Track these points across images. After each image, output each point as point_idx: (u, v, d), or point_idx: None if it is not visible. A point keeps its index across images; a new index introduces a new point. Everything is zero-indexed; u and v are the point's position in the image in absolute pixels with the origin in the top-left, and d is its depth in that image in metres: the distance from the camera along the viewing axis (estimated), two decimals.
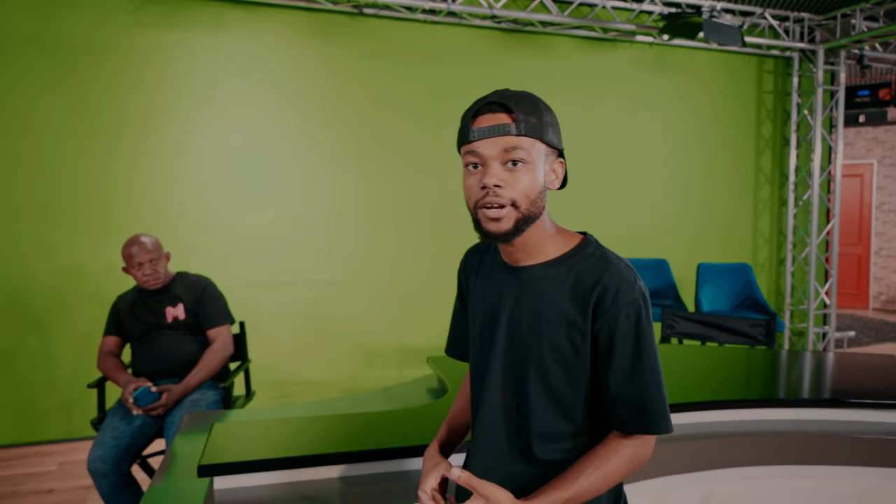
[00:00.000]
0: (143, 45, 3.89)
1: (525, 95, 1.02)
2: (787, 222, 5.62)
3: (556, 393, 1.06)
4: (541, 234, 1.07)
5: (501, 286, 1.12)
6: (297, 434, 1.78)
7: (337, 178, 4.35)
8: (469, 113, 1.03)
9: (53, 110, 3.75)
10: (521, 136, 0.99)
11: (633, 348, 1.01)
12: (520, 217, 1.01)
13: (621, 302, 1.00)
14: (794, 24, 5.37)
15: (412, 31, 4.46)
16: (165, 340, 2.64)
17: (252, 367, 3.29)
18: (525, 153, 0.99)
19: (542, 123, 1.01)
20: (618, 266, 1.03)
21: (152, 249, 2.60)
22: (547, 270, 1.07)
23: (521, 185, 1.00)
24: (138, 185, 3.93)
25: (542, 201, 1.04)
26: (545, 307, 1.05)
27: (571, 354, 1.04)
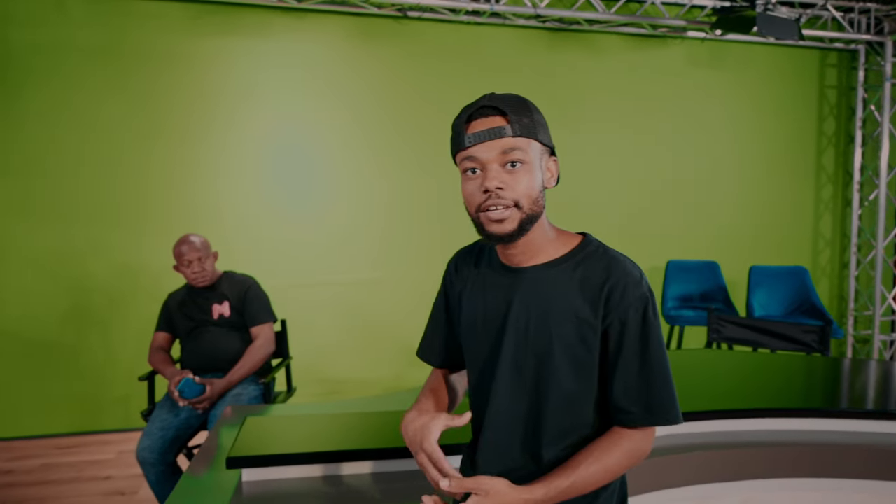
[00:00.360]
0: (199, 53, 4.06)
1: (514, 97, 1.04)
2: (852, 223, 5.34)
3: (569, 392, 1.06)
4: (541, 235, 1.08)
5: (503, 288, 1.12)
6: (326, 430, 1.82)
7: (382, 178, 4.42)
8: (461, 119, 1.05)
9: (116, 116, 3.96)
10: (517, 136, 1.00)
11: (641, 341, 1.03)
12: (523, 217, 1.02)
13: (630, 296, 1.02)
14: (859, 14, 5.10)
15: (456, 32, 4.48)
16: (211, 337, 2.74)
17: (297, 364, 3.40)
18: (523, 153, 1.01)
19: (534, 123, 1.02)
20: (623, 263, 1.05)
21: (201, 248, 2.72)
22: (551, 270, 1.08)
23: (522, 185, 1.01)
24: (196, 186, 4.11)
25: (543, 200, 1.05)
26: (554, 306, 1.05)
27: (583, 352, 1.05)
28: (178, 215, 4.06)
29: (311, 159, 4.31)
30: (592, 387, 1.07)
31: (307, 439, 1.73)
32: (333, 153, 4.35)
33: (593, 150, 4.77)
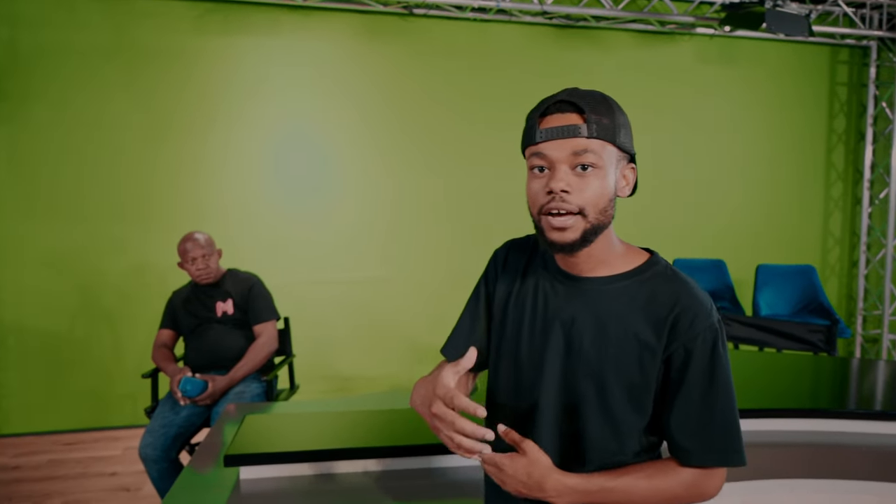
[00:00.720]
0: (205, 51, 4.08)
1: (597, 95, 0.96)
2: (862, 222, 5.28)
3: (616, 416, 0.99)
4: (607, 246, 1.00)
5: (559, 295, 1.03)
6: (325, 428, 1.82)
7: (389, 176, 4.42)
8: (536, 112, 0.97)
9: (125, 114, 3.98)
10: (592, 138, 0.92)
11: (706, 375, 0.95)
12: (588, 227, 0.94)
13: (699, 326, 0.94)
14: (871, 10, 5.03)
15: (462, 30, 4.47)
16: (215, 334, 2.76)
17: (302, 362, 3.40)
18: (596, 157, 0.93)
19: (614, 125, 0.94)
20: (694, 288, 0.98)
21: (205, 245, 2.73)
22: (615, 284, 1.00)
23: (590, 191, 0.93)
24: (202, 184, 4.13)
25: (612, 210, 0.97)
26: (613, 323, 0.97)
27: (638, 376, 0.97)
28: (183, 213, 4.08)
29: (318, 157, 4.32)
30: (644, 415, 0.99)
31: (305, 437, 1.74)
32: (340, 151, 4.35)
33: None
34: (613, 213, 0.98)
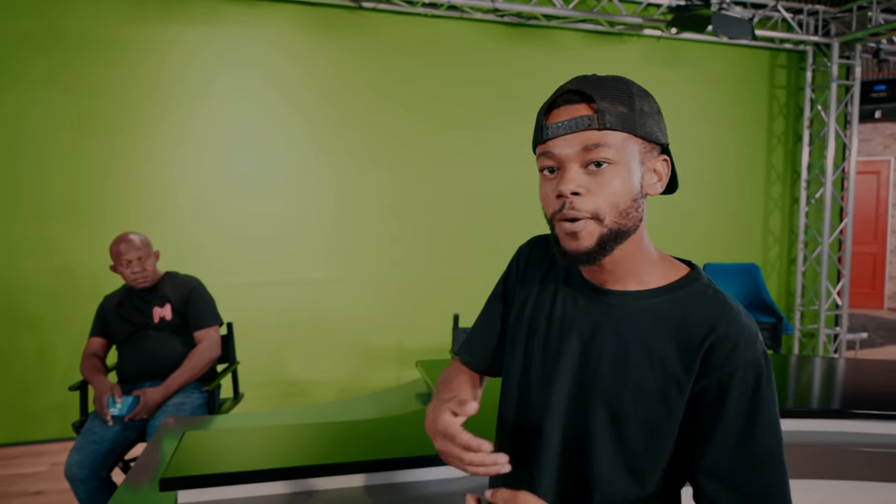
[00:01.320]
0: (140, 40, 3.83)
1: (612, 80, 0.84)
2: (799, 221, 5.47)
3: (630, 451, 0.85)
4: (636, 255, 0.87)
5: (580, 307, 0.91)
6: (273, 444, 1.70)
7: (334, 175, 4.27)
8: (544, 107, 0.87)
9: (50, 106, 3.70)
10: (605, 129, 0.80)
11: (745, 418, 0.79)
12: (605, 233, 0.81)
13: (739, 358, 0.78)
14: (808, 16, 5.21)
15: (413, 25, 4.37)
16: (151, 342, 2.58)
17: (246, 367, 3.24)
18: (611, 151, 0.80)
19: (634, 114, 0.82)
20: (737, 312, 0.82)
21: (141, 247, 2.55)
22: (645, 301, 0.86)
23: (607, 191, 0.80)
24: (135, 181, 3.88)
25: (638, 212, 0.84)
26: (637, 346, 0.84)
27: (660, 409, 0.82)
28: (115, 211, 3.83)
29: (260, 154, 4.13)
30: (663, 453, 0.84)
31: (251, 455, 1.61)
32: (284, 148, 4.18)
33: None
34: (641, 216, 0.85)
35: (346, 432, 1.79)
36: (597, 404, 0.86)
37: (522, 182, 4.68)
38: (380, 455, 1.59)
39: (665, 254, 0.93)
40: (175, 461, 1.53)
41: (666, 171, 0.88)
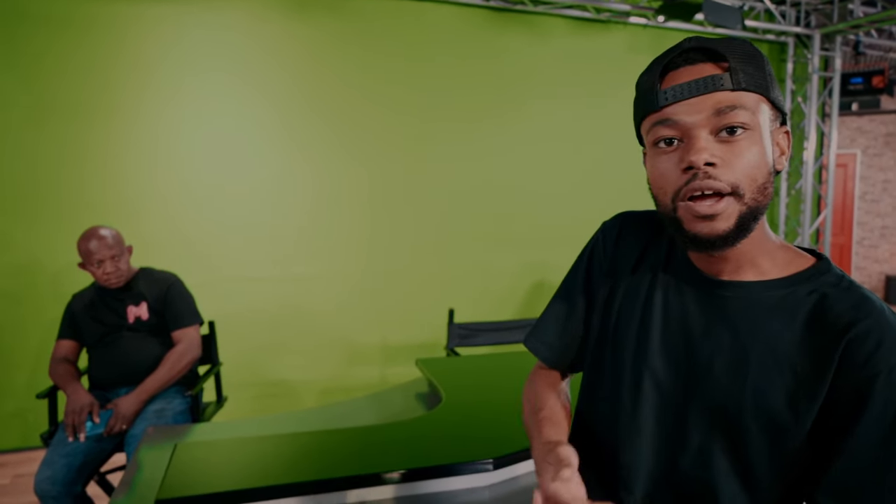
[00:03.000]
0: (102, 20, 3.57)
1: (734, 39, 0.72)
2: (780, 212, 5.49)
3: (752, 469, 0.72)
4: (758, 240, 0.74)
5: (686, 300, 0.79)
6: (273, 456, 1.54)
7: (316, 168, 4.08)
8: (654, 70, 0.74)
9: (4, 90, 3.42)
10: (739, 90, 0.68)
11: (889, 430, 0.65)
12: (744, 211, 0.69)
13: (883, 360, 0.66)
14: (790, 7, 5.21)
15: (395, 9, 4.19)
16: (126, 343, 2.38)
17: (225, 369, 3.05)
18: (748, 115, 0.68)
19: (765, 74, 0.70)
20: (881, 307, 0.69)
21: (113, 245, 2.33)
22: (768, 294, 0.74)
23: (744, 161, 0.68)
24: (99, 173, 3.62)
25: (772, 188, 0.72)
26: (759, 345, 0.72)
27: (787, 417, 0.70)
28: (78, 204, 3.56)
29: (239, 145, 3.89)
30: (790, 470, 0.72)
31: (253, 470, 1.45)
32: (262, 141, 3.95)
33: (536, 133, 4.62)
34: (772, 193, 0.72)
35: (351, 440, 1.64)
36: (708, 412, 0.74)
37: (510, 172, 4.57)
38: (393, 466, 1.45)
39: (785, 241, 0.80)
40: (170, 479, 1.36)
41: (788, 143, 0.76)
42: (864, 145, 8.56)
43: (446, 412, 1.87)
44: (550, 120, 4.64)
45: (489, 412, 1.89)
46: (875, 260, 8.69)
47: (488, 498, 1.45)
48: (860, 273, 8.74)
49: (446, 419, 1.82)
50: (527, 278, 4.49)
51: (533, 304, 4.48)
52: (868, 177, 8.63)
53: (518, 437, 1.62)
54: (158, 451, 1.70)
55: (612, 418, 0.83)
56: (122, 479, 1.55)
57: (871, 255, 8.71)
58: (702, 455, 0.75)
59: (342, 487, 1.40)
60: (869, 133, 8.52)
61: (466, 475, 1.48)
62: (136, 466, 1.62)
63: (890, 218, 8.59)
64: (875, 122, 8.46)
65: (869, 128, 8.51)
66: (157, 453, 1.68)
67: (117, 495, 1.46)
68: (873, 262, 8.70)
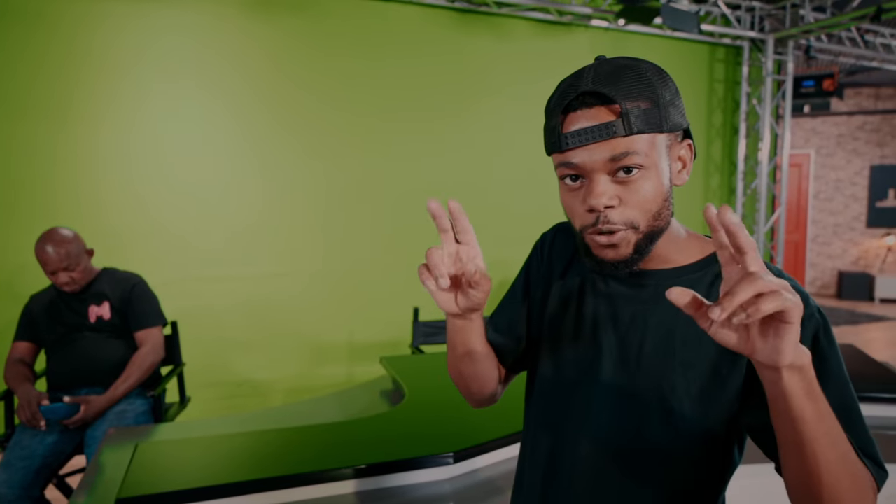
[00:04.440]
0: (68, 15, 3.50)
1: (628, 70, 0.75)
2: (737, 211, 5.66)
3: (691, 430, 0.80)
4: (667, 240, 0.82)
5: (612, 292, 0.86)
6: (236, 453, 1.56)
7: (278, 167, 4.06)
8: (556, 107, 0.77)
9: None
10: (633, 134, 0.73)
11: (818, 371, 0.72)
12: (640, 238, 0.77)
13: None
14: (745, 12, 5.38)
15: (359, 8, 4.20)
16: (88, 344, 2.35)
17: (189, 369, 3.03)
18: (642, 157, 0.73)
19: (658, 106, 0.74)
20: (779, 273, 0.74)
21: (66, 257, 2.24)
22: (683, 278, 0.81)
23: (640, 197, 0.75)
24: (58, 171, 3.55)
25: (669, 208, 0.78)
26: (681, 323, 0.80)
27: (712, 383, 0.78)
28: (37, 203, 3.50)
29: (197, 145, 3.85)
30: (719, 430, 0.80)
31: (216, 468, 1.47)
32: (224, 139, 3.91)
33: (497, 133, 4.68)
34: (672, 210, 0.80)
35: (315, 437, 1.67)
36: (645, 392, 0.82)
37: (472, 171, 4.62)
38: (358, 461, 1.48)
39: (692, 231, 0.89)
40: (131, 478, 1.37)
41: (690, 156, 0.82)
42: (818, 146, 8.88)
43: (409, 408, 1.91)
44: (511, 120, 4.71)
45: (450, 408, 1.93)
46: (828, 256, 9.02)
47: (449, 490, 1.49)
48: (814, 269, 9.06)
49: (408, 415, 1.86)
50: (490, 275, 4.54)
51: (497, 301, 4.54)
52: (821, 176, 8.95)
53: (478, 431, 1.67)
54: (119, 451, 1.70)
55: (562, 421, 0.89)
56: (82, 480, 1.55)
57: (824, 252, 9.03)
58: (644, 429, 0.82)
59: (304, 483, 1.42)
60: (822, 134, 8.84)
61: (427, 468, 1.52)
62: (96, 467, 1.62)
63: (842, 216, 8.92)
64: (828, 124, 8.78)
65: (822, 129, 8.83)
66: (118, 454, 1.68)
67: (77, 497, 1.46)
68: (826, 259, 9.03)
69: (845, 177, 8.86)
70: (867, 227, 8.80)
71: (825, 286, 9.03)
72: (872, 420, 2.00)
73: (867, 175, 8.75)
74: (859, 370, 2.28)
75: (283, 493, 1.40)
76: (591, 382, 0.86)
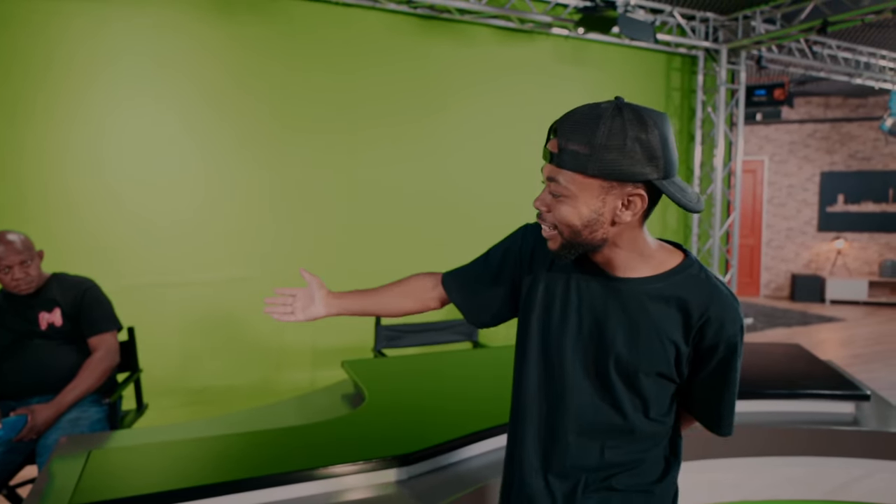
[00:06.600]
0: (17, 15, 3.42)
1: (587, 116, 0.92)
2: (693, 216, 5.82)
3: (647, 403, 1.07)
4: (630, 255, 1.02)
5: (593, 291, 1.06)
6: (193, 458, 1.55)
7: (238, 169, 4.03)
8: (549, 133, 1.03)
9: None
10: (560, 168, 0.94)
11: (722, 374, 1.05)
12: (564, 242, 1.00)
13: (724, 335, 1.01)
14: (700, 23, 5.55)
15: (322, 12, 4.20)
16: (38, 351, 2.30)
17: (147, 376, 2.98)
18: (562, 187, 0.95)
19: (591, 154, 0.90)
20: (724, 295, 1.02)
21: (22, 250, 2.24)
22: (649, 286, 1.03)
23: (559, 215, 0.97)
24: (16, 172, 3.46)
25: (597, 234, 0.97)
26: (645, 323, 1.02)
27: (668, 370, 1.05)
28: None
29: (157, 146, 3.80)
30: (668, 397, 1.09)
31: (170, 473, 1.46)
32: (183, 140, 3.87)
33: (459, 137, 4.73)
34: (607, 236, 0.98)
35: (273, 441, 1.67)
36: (615, 369, 1.04)
37: (433, 175, 4.66)
38: (315, 463, 1.49)
39: (661, 243, 1.07)
40: (83, 485, 1.35)
41: (640, 203, 0.95)
42: (771, 153, 9.18)
43: (368, 412, 1.92)
44: (474, 124, 4.77)
45: (410, 409, 1.95)
46: (782, 259, 9.31)
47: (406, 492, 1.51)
48: (768, 272, 9.35)
49: (368, 418, 1.87)
50: None
51: None
52: (775, 182, 9.25)
53: (433, 433, 1.70)
54: (72, 460, 1.67)
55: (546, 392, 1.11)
56: (32, 489, 1.52)
57: (778, 255, 9.32)
58: (616, 399, 1.06)
59: (261, 486, 1.43)
60: (775, 141, 9.15)
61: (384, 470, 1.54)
62: (47, 476, 1.59)
63: (794, 220, 9.23)
64: (780, 132, 9.09)
65: (775, 136, 9.13)
66: (71, 463, 1.65)
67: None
68: (780, 262, 9.32)
69: (797, 183, 9.17)
70: (818, 231, 9.13)
71: (779, 288, 9.32)
72: (816, 416, 2.10)
73: (818, 181, 9.08)
74: (804, 369, 2.38)
75: (240, 496, 1.40)
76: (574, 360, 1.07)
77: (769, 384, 2.17)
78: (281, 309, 1.41)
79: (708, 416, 1.11)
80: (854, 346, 6.10)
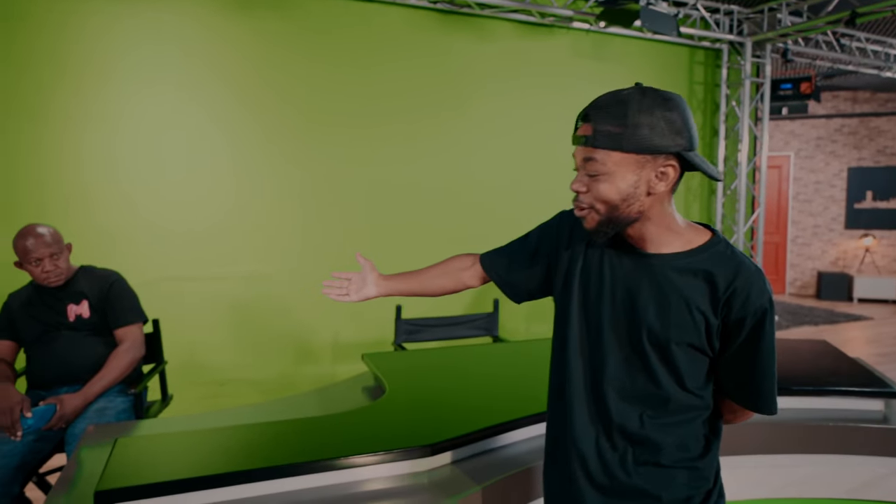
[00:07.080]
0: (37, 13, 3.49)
1: (614, 100, 1.02)
2: (717, 211, 5.75)
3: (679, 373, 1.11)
4: (660, 230, 1.10)
5: (625, 267, 1.14)
6: (216, 447, 1.57)
7: (264, 166, 4.07)
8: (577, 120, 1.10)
9: None
10: (596, 148, 1.03)
11: (753, 346, 1.08)
12: (601, 219, 1.07)
13: (750, 306, 1.05)
14: (724, 16, 5.47)
15: (343, 9, 4.22)
16: (67, 342, 2.35)
17: (171, 367, 3.03)
18: (599, 165, 1.03)
19: (624, 132, 1.00)
20: (749, 269, 1.07)
21: (52, 243, 2.29)
22: (679, 262, 1.09)
23: (597, 193, 1.05)
24: (35, 171, 3.53)
25: (634, 206, 1.05)
26: (675, 296, 1.08)
27: (697, 341, 1.09)
28: (14, 202, 3.47)
29: (183, 142, 3.86)
30: (702, 368, 1.12)
31: (193, 461, 1.48)
32: (211, 136, 3.93)
33: (480, 132, 4.72)
34: (643, 208, 1.06)
35: (294, 431, 1.68)
36: (648, 340, 1.11)
37: (455, 170, 4.66)
38: (336, 454, 1.50)
39: (690, 223, 1.14)
40: (110, 472, 1.38)
41: (673, 173, 1.04)
42: (797, 148, 9.01)
43: (388, 403, 1.93)
44: (494, 120, 4.76)
45: (430, 402, 1.96)
46: (808, 257, 9.15)
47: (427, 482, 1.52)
48: (794, 270, 9.19)
49: (388, 409, 1.88)
50: None
51: (479, 299, 4.58)
52: (801, 178, 9.08)
53: (454, 425, 1.70)
54: (99, 448, 1.71)
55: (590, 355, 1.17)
56: (61, 476, 1.55)
57: (804, 253, 9.16)
58: (651, 369, 1.11)
59: (281, 475, 1.44)
60: (801, 136, 8.98)
61: (406, 461, 1.54)
62: (75, 464, 1.63)
63: (821, 217, 9.06)
64: (807, 126, 8.92)
65: (801, 131, 8.96)
66: (98, 451, 1.69)
67: (56, 493, 1.47)
68: (806, 259, 9.15)
69: (824, 179, 8.99)
70: (845, 228, 8.95)
71: (805, 286, 9.16)
72: (844, 413, 2.06)
73: (845, 177, 8.89)
74: (831, 366, 2.34)
75: (261, 485, 1.42)
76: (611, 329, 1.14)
77: (796, 380, 2.13)
78: (337, 291, 1.49)
79: (745, 394, 1.13)
80: (881, 345, 5.97)
